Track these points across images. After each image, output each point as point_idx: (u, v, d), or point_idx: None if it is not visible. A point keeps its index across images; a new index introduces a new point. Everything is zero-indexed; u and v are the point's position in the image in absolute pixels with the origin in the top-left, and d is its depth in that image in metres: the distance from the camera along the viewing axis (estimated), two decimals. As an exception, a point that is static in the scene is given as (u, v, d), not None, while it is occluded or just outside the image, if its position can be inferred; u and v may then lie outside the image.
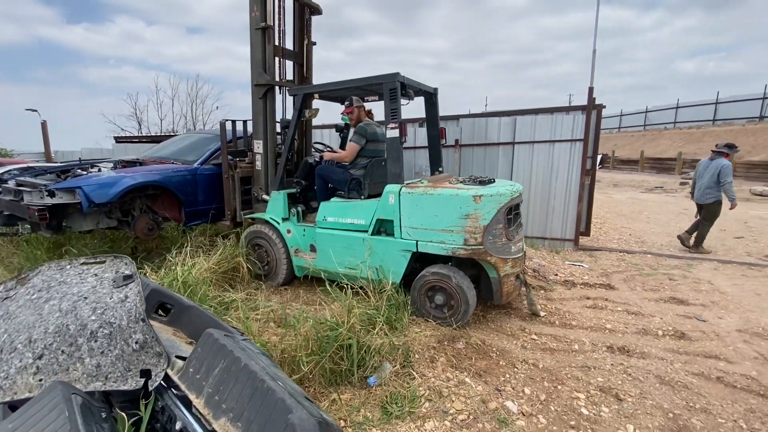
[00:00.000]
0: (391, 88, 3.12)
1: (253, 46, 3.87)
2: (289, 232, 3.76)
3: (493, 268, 2.91)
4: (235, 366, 1.00)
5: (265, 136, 3.98)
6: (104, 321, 1.15)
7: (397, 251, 3.13)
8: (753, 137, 17.14)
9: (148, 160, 4.60)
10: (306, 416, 0.79)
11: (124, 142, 11.93)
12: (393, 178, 3.17)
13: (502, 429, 1.96)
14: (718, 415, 2.10)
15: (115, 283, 1.28)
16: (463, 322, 2.94)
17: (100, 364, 1.10)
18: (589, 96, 5.17)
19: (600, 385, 2.36)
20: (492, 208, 2.82)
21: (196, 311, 1.55)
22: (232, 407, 0.93)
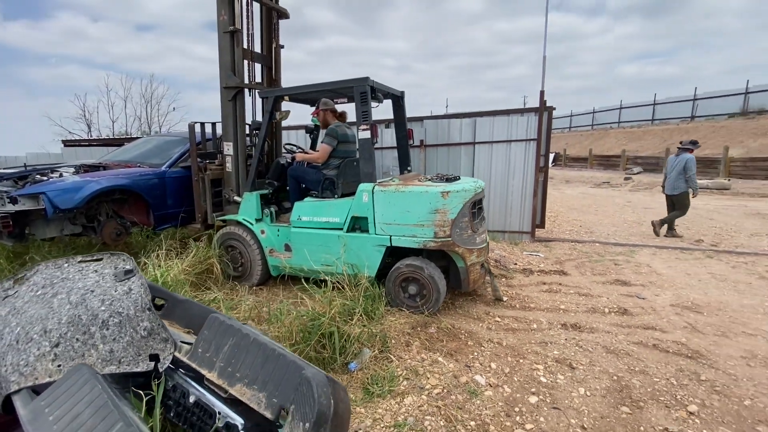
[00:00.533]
0: (362, 91, 3.27)
1: (221, 49, 3.90)
2: (263, 232, 3.82)
3: (460, 258, 3.14)
4: (245, 341, 1.13)
5: (235, 138, 4.02)
6: (113, 311, 1.24)
7: (371, 246, 3.29)
8: (686, 136, 18.87)
9: (111, 164, 4.48)
10: (317, 371, 0.95)
11: (73, 146, 11.27)
12: (366, 177, 3.32)
13: (473, 399, 2.19)
14: (653, 375, 2.45)
15: (116, 278, 1.37)
16: (435, 309, 3.16)
17: (113, 349, 1.19)
18: (541, 99, 5.61)
19: (556, 357, 2.66)
20: (458, 203, 3.05)
21: (190, 304, 1.64)
22: (246, 374, 1.06)
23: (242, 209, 3.92)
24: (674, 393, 2.26)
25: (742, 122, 17.28)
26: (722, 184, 11.70)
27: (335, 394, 0.91)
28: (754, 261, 4.81)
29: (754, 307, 3.44)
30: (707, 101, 20.23)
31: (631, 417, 2.07)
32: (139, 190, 3.97)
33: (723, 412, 2.10)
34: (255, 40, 4.20)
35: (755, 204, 9.26)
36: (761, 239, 5.88)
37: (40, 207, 3.30)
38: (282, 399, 0.97)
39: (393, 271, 3.24)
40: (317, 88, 3.59)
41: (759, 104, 17.79)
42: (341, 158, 3.67)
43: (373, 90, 3.40)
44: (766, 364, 2.55)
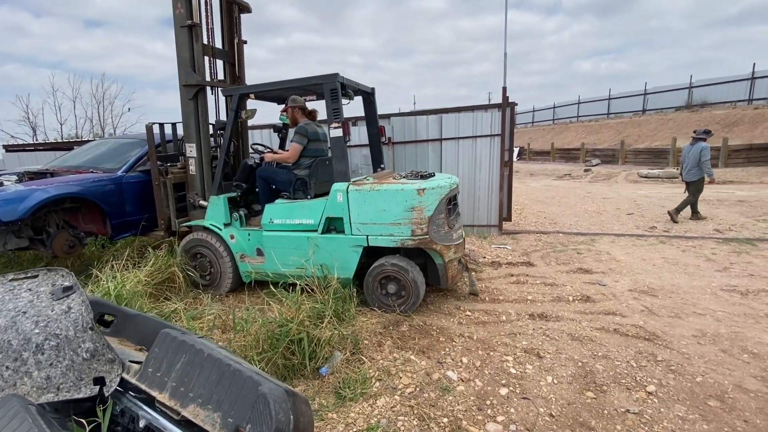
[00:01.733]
0: (332, 88, 3.16)
1: (179, 45, 3.68)
2: (232, 237, 3.66)
3: (438, 255, 3.12)
4: (198, 357, 1.06)
5: (198, 139, 3.81)
6: (49, 333, 1.13)
7: (348, 247, 3.22)
8: (638, 128, 19.99)
9: (59, 170, 4.16)
10: (274, 386, 0.90)
11: (16, 151, 10.46)
12: (339, 176, 3.23)
13: (445, 395, 2.20)
14: (615, 359, 2.55)
15: (54, 296, 1.25)
16: (415, 306, 3.15)
17: (49, 376, 1.08)
18: (503, 95, 5.73)
19: (524, 347, 2.72)
20: (434, 199, 3.02)
21: (142, 319, 1.54)
22: (200, 393, 0.99)
23: (209, 214, 3.74)
24: (634, 375, 2.36)
25: (687, 115, 18.48)
26: (671, 173, 12.46)
27: (295, 409, 0.86)
28: (701, 245, 5.14)
29: (702, 288, 3.67)
30: (656, 95, 21.49)
31: (596, 401, 2.14)
32: (93, 198, 3.68)
33: (678, 390, 2.22)
34: (216, 36, 4.01)
35: (701, 191, 9.91)
36: (707, 224, 6.29)
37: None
38: (238, 418, 0.91)
39: (372, 270, 3.19)
40: (285, 85, 3.46)
41: (702, 98, 19.09)
42: (312, 157, 3.56)
43: (344, 87, 3.31)
44: (714, 342, 2.72)
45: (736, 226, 6.06)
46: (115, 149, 4.54)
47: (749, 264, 4.30)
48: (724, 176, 12.03)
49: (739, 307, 3.26)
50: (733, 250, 4.80)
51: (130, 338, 1.50)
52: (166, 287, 3.53)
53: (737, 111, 16.63)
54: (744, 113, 16.10)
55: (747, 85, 17.22)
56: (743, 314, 3.12)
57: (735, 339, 2.74)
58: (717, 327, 2.93)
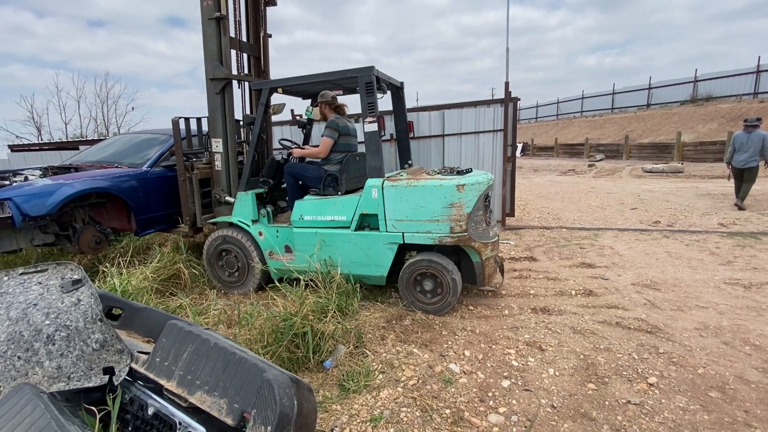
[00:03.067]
0: (367, 81, 3.10)
1: (206, 37, 3.60)
2: (260, 234, 3.59)
3: (476, 252, 3.04)
4: (205, 346, 1.09)
5: (224, 133, 3.73)
6: (60, 324, 1.16)
7: (382, 245, 3.14)
8: (643, 123, 19.86)
9: (84, 165, 4.13)
10: (278, 373, 0.92)
11: (21, 151, 10.52)
12: (374, 172, 3.14)
13: (448, 387, 2.22)
14: (616, 352, 2.56)
15: (63, 289, 1.28)
16: (450, 306, 3.09)
17: (60, 365, 1.11)
18: (506, 90, 5.72)
19: (527, 340, 2.73)
20: (473, 196, 2.93)
21: (149, 312, 1.57)
22: (207, 381, 1.02)
23: (236, 210, 3.67)
24: (635, 367, 2.37)
25: (692, 109, 18.32)
26: (676, 167, 12.38)
27: (299, 395, 0.89)
28: (705, 239, 5.12)
29: (705, 282, 3.66)
30: (661, 90, 21.31)
31: (597, 393, 2.16)
32: (119, 193, 3.62)
33: (679, 381, 2.23)
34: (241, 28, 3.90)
35: (705, 185, 9.86)
36: (711, 218, 6.26)
37: (6, 215, 2.96)
38: (243, 404, 0.94)
39: (408, 267, 3.12)
40: (317, 79, 3.36)
41: (706, 91, 18.91)
42: (343, 152, 3.49)
43: (378, 80, 3.23)
44: (716, 334, 2.73)
45: (740, 220, 6.03)
46: (138, 144, 4.49)
47: (753, 257, 4.28)
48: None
49: (741, 300, 3.26)
50: (737, 244, 4.79)
51: (137, 330, 1.54)
52: (172, 283, 3.57)
53: (742, 105, 16.46)
54: (749, 107, 15.93)
55: (752, 78, 17.03)
56: (746, 307, 3.12)
57: (737, 331, 2.75)
58: (719, 320, 2.93)
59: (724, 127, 15.53)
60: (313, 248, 3.32)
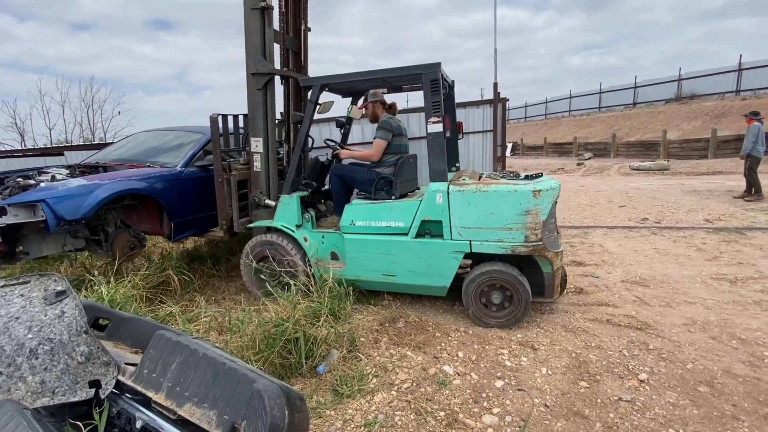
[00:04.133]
0: (433, 79, 2.90)
1: (248, 29, 3.36)
2: (305, 240, 3.36)
3: (548, 263, 2.84)
4: (194, 357, 1.07)
5: (265, 133, 3.49)
6: (43, 338, 1.13)
7: (446, 253, 2.94)
8: (629, 121, 20.19)
9: (112, 163, 3.85)
10: (269, 383, 0.91)
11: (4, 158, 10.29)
12: (437, 175, 2.94)
13: (442, 389, 2.22)
14: (607, 349, 2.59)
15: (47, 301, 1.25)
16: (521, 320, 2.90)
17: (44, 380, 1.09)
18: (494, 91, 5.76)
19: (519, 340, 2.75)
20: (548, 202, 2.74)
21: (137, 322, 1.54)
22: (196, 392, 1.01)
23: (279, 214, 3.42)
24: (626, 364, 2.40)
25: (677, 107, 18.68)
26: (662, 165, 12.60)
27: (290, 405, 0.88)
28: (691, 234, 5.22)
29: (693, 277, 3.73)
30: (646, 89, 21.69)
31: (589, 390, 2.18)
32: (155, 195, 3.35)
33: (669, 377, 2.26)
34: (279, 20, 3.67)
35: (691, 182, 10.05)
36: (697, 214, 6.38)
37: (39, 218, 2.69)
38: (233, 415, 0.92)
39: (474, 279, 2.92)
40: (372, 76, 3.14)
41: (690, 90, 19.30)
42: (397, 154, 3.32)
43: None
44: (704, 329, 2.78)
45: (725, 215, 6.16)
46: (166, 142, 4.22)
47: (738, 252, 4.37)
48: (714, 167, 12.20)
49: (728, 294, 3.32)
50: (723, 240, 4.88)
51: (125, 341, 1.50)
52: (161, 290, 3.52)
53: (725, 102, 16.84)
54: (732, 104, 16.30)
55: (734, 76, 17.44)
56: (732, 301, 3.18)
57: (724, 326, 2.80)
58: (707, 315, 2.98)
59: (707, 124, 15.86)
60: (366, 256, 3.13)
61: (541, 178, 2.97)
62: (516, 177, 3.00)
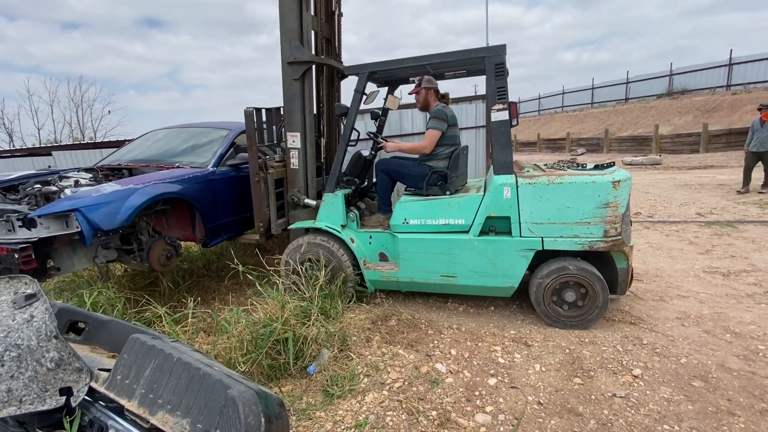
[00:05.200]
0: (498, 62, 2.69)
1: (284, 13, 3.13)
2: (352, 240, 3.17)
3: (624, 258, 2.69)
4: (168, 362, 1.02)
5: (303, 127, 3.28)
6: (9, 344, 1.07)
7: (515, 251, 2.75)
8: (622, 116, 20.28)
9: (136, 165, 3.59)
10: (244, 389, 0.86)
11: (-10, 158, 10.09)
12: (502, 167, 2.74)
13: (434, 388, 2.18)
14: (601, 344, 2.57)
15: (16, 305, 1.19)
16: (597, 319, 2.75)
17: (11, 388, 1.03)
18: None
19: (512, 336, 2.72)
20: (626, 193, 2.57)
21: (115, 324, 1.48)
22: (169, 399, 0.95)
23: (322, 214, 3.22)
24: (620, 359, 2.38)
25: (669, 102, 18.79)
26: (654, 159, 12.66)
27: (268, 412, 0.83)
28: (684, 228, 5.22)
29: (686, 271, 3.72)
30: (638, 84, 21.79)
31: (583, 387, 2.15)
32: (190, 198, 3.09)
33: (663, 372, 2.24)
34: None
35: (683, 176, 10.10)
36: (689, 208, 6.41)
37: (72, 230, 2.45)
38: (207, 424, 0.87)
39: (546, 278, 2.74)
40: (425, 61, 2.93)
41: (681, 85, 19.42)
42: (451, 146, 3.10)
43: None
44: (697, 323, 2.76)
45: (717, 209, 6.18)
46: (189, 139, 3.96)
47: (730, 246, 4.38)
48: (705, 161, 12.29)
49: (721, 288, 3.32)
50: (715, 233, 4.89)
51: (102, 345, 1.44)
52: (149, 291, 3.45)
53: (716, 97, 16.96)
54: (723, 99, 16.42)
55: (725, 71, 17.56)
56: (725, 295, 3.18)
57: (717, 319, 2.79)
58: (700, 308, 2.97)
59: (698, 119, 15.97)
60: (423, 257, 2.95)
61: (614, 168, 2.78)
62: (583, 167, 2.83)
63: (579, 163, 2.95)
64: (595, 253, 2.71)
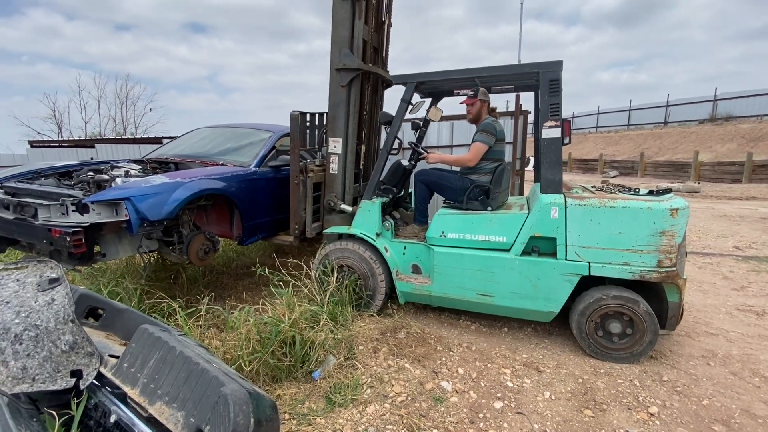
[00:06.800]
0: (553, 78, 2.66)
1: (336, 21, 3.21)
2: (386, 250, 3.15)
3: (677, 291, 2.52)
4: (171, 354, 1.05)
5: (345, 133, 3.33)
6: (29, 324, 1.14)
7: (559, 275, 2.62)
8: (659, 140, 19.54)
9: (183, 159, 3.71)
10: (237, 387, 0.88)
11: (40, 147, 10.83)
12: (550, 186, 2.65)
13: (437, 406, 2.14)
14: (617, 377, 2.45)
15: (40, 287, 1.27)
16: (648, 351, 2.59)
17: (26, 366, 1.09)
18: (516, 103, 5.66)
19: (524, 360, 2.64)
20: (684, 223, 2.42)
21: (130, 314, 1.54)
22: (168, 391, 0.99)
23: (358, 221, 3.21)
24: (636, 394, 2.26)
25: (711, 128, 17.96)
26: (692, 187, 12.09)
27: (258, 412, 0.84)
28: (719, 262, 4.94)
29: (717, 307, 3.51)
30: (679, 108, 20.98)
31: (594, 420, 2.06)
32: (231, 195, 3.18)
33: (682, 412, 2.11)
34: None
35: (722, 206, 9.59)
36: (726, 240, 6.06)
37: (121, 218, 2.53)
38: (199, 419, 0.89)
39: (590, 306, 2.60)
40: (476, 74, 2.92)
41: (726, 111, 18.54)
42: (496, 161, 3.06)
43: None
44: (724, 363, 2.60)
45: (757, 243, 5.82)
46: (235, 139, 4.06)
47: (769, 284, 4.11)
48: (748, 192, 11.63)
49: (753, 328, 3.11)
50: (753, 269, 4.60)
51: (117, 332, 1.51)
52: (170, 284, 3.57)
53: (763, 125, 16.08)
54: (771, 127, 15.55)
55: (775, 98, 16.66)
56: (757, 336, 2.97)
57: (746, 361, 2.61)
58: (728, 348, 2.79)
59: (743, 147, 15.17)
60: (460, 272, 2.88)
61: (671, 195, 2.65)
62: (636, 192, 2.74)
63: (631, 188, 2.83)
64: (646, 284, 2.56)
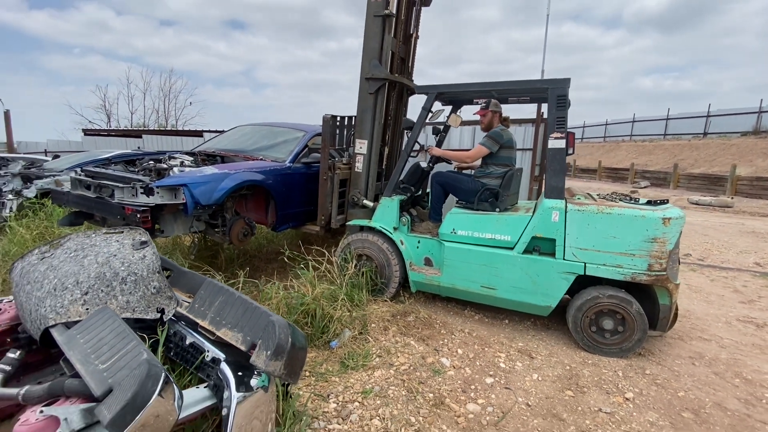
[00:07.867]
0: (560, 94, 2.90)
1: (368, 35, 3.55)
2: (402, 243, 3.49)
3: (667, 294, 2.75)
4: (231, 298, 1.45)
5: (371, 135, 3.70)
6: (131, 271, 1.57)
7: (556, 273, 2.89)
8: (696, 152, 18.83)
9: (228, 153, 4.20)
10: (281, 318, 1.26)
11: (93, 135, 11.83)
12: (553, 192, 2.91)
13: (435, 376, 2.48)
14: (603, 367, 2.70)
15: (134, 247, 1.70)
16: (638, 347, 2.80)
17: (129, 300, 1.52)
18: (538, 110, 5.85)
19: (519, 347, 2.93)
20: (676, 231, 2.63)
21: (192, 275, 1.97)
22: (230, 321, 1.38)
23: (378, 215, 3.58)
24: (617, 383, 2.51)
25: (754, 141, 17.17)
26: (725, 201, 11.74)
27: (294, 335, 1.21)
28: (734, 276, 4.98)
29: (718, 316, 3.65)
30: (720, 118, 20.11)
31: (573, 399, 2.33)
32: (268, 187, 3.64)
33: (656, 400, 2.35)
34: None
35: (753, 223, 9.33)
36: (748, 256, 6.02)
37: (179, 201, 2.99)
38: (254, 337, 1.28)
39: (586, 303, 2.84)
40: (490, 87, 3.22)
41: (772, 124, 17.64)
42: (505, 166, 3.36)
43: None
44: (709, 365, 2.79)
45: (779, 261, 5.76)
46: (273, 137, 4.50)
47: (778, 299, 4.16)
48: (786, 210, 11.17)
49: (749, 337, 3.25)
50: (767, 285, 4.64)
51: (182, 288, 1.94)
52: (210, 262, 4.06)
53: (812, 140, 15.24)
54: (820, 143, 14.74)
55: (827, 113, 15.74)
56: (751, 344, 3.12)
57: (732, 365, 2.79)
58: (718, 352, 2.97)
59: (787, 163, 14.47)
60: (466, 266, 3.17)
61: (668, 205, 2.89)
62: (635, 202, 2.96)
63: (632, 198, 3.06)
64: (638, 286, 2.80)
